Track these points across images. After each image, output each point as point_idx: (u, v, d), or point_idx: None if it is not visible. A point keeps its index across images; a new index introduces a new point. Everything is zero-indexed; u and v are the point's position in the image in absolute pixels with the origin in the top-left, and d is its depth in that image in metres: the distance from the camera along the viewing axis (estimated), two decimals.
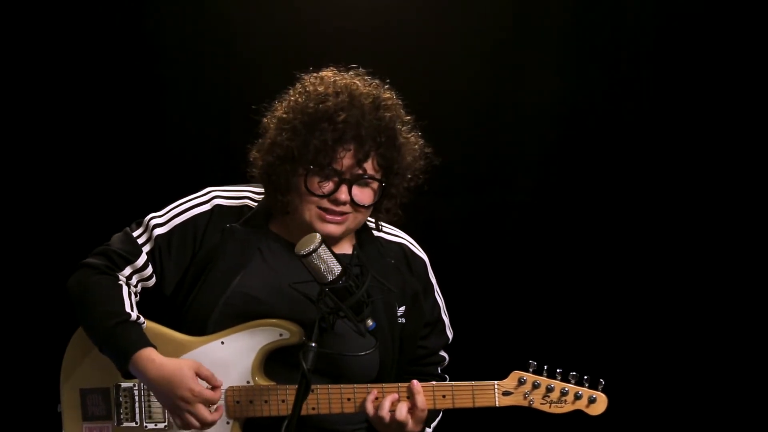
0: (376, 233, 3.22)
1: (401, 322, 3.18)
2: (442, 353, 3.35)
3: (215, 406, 3.03)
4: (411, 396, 3.01)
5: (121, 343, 3.02)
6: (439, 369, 3.34)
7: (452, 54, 4.38)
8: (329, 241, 2.92)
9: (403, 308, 3.19)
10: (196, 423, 3.00)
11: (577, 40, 4.36)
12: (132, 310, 3.06)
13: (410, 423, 3.01)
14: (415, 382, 3.02)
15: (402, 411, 3.00)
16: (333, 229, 3.05)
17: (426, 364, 3.31)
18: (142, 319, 3.08)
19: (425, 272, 3.28)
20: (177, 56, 4.38)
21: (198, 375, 3.01)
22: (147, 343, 3.03)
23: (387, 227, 3.25)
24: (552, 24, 4.35)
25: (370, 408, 3.01)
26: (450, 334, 3.34)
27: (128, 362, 3.01)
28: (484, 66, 4.38)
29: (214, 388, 3.03)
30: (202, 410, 2.99)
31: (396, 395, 3.02)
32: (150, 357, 3.01)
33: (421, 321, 3.24)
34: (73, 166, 4.38)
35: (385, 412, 2.99)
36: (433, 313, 3.28)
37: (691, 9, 4.29)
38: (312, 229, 3.02)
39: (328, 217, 3.04)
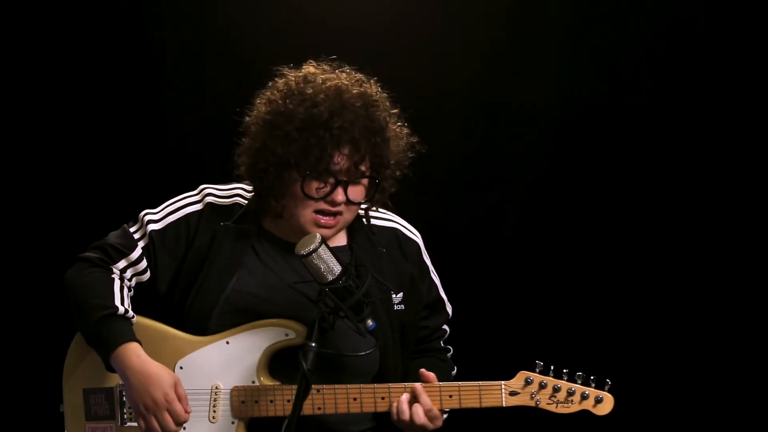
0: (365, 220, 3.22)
1: (401, 309, 3.18)
2: (444, 327, 3.35)
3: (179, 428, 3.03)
4: (415, 399, 3.01)
5: (106, 335, 3.02)
6: (441, 343, 3.35)
7: (451, 53, 4.38)
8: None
9: (400, 295, 3.19)
10: (157, 428, 2.99)
11: (576, 40, 4.36)
12: (121, 304, 3.06)
13: (429, 424, 3.02)
14: (417, 384, 3.02)
15: (419, 414, 3.01)
16: (326, 232, 3.05)
17: (429, 341, 3.32)
18: (131, 314, 3.07)
19: (419, 254, 3.28)
20: (177, 55, 4.37)
21: (175, 389, 3.00)
22: (132, 338, 3.03)
23: (377, 212, 3.23)
24: (551, 23, 4.35)
25: (403, 411, 3.01)
26: (449, 309, 3.34)
27: (111, 354, 3.01)
28: (484, 65, 4.38)
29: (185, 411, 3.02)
30: (168, 418, 2.99)
31: (408, 396, 3.02)
32: (136, 351, 3.01)
33: (420, 304, 3.25)
34: (73, 165, 4.38)
35: (408, 416, 3.00)
36: (430, 294, 3.28)
37: (691, 8, 4.28)
38: (307, 232, 3.01)
39: (323, 220, 3.04)
